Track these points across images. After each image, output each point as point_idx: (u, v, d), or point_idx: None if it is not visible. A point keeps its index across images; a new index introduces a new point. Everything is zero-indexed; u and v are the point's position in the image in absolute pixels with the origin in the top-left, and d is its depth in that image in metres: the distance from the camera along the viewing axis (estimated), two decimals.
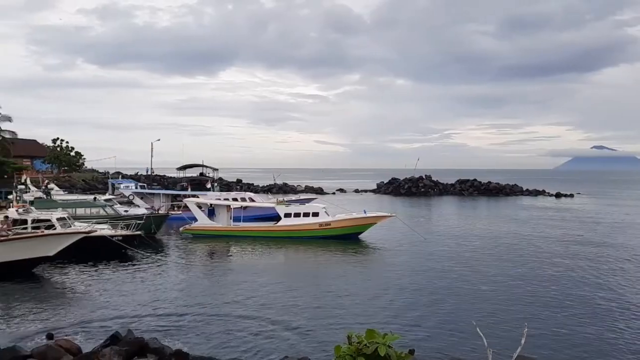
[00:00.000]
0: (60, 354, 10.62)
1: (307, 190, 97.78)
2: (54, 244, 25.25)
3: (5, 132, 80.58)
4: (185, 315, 18.50)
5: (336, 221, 38.86)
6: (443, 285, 23.85)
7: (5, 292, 21.99)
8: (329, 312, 18.97)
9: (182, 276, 26.10)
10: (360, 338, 5.17)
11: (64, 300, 21.18)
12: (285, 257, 32.92)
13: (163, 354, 10.62)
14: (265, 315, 18.46)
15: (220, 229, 39.87)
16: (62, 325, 17.19)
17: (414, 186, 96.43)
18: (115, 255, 29.64)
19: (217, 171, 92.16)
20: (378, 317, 18.41)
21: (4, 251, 24.23)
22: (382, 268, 29.15)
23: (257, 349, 15.02)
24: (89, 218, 37.39)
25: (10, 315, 18.46)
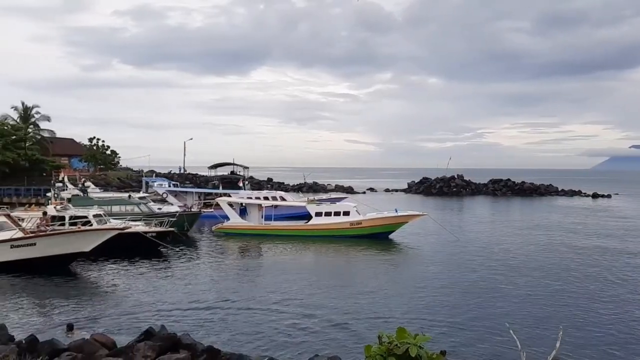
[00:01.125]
0: (97, 348, 10.87)
1: (338, 189, 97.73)
2: (90, 239, 25.89)
3: (45, 132, 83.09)
4: (217, 312, 18.72)
5: (367, 220, 38.74)
6: (475, 286, 23.52)
7: (44, 286, 22.68)
8: (359, 312, 18.91)
9: (214, 273, 26.42)
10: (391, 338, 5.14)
11: (99, 295, 21.71)
12: (316, 256, 32.99)
13: (195, 349, 10.77)
14: (296, 314, 18.53)
15: (252, 227, 40.21)
16: (98, 320, 17.61)
17: (446, 186, 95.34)
18: (149, 251, 30.18)
19: (247, 170, 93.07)
20: (408, 317, 18.26)
21: (43, 246, 24.99)
22: (413, 268, 28.94)
23: (287, 347, 15.09)
24: (123, 215, 38.18)
25: (49, 309, 19.01)
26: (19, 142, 72.08)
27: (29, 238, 25.33)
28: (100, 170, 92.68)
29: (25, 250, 24.78)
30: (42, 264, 24.57)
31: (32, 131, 79.36)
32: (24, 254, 24.68)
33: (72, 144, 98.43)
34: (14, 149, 69.88)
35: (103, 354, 10.62)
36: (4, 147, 67.83)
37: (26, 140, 74.66)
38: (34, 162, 72.96)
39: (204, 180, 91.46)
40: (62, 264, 25.53)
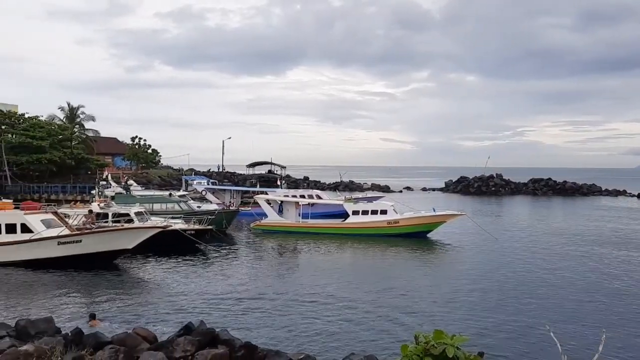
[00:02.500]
0: (138, 342, 11.18)
1: (374, 188, 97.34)
2: (133, 237, 26.57)
3: (89, 131, 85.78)
4: (254, 309, 18.96)
5: (405, 219, 38.49)
6: (514, 287, 23.08)
7: (89, 281, 23.43)
8: (396, 311, 18.83)
9: (252, 270, 26.75)
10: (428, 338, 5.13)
11: (141, 291, 22.28)
12: (353, 254, 32.99)
13: (233, 345, 10.95)
14: (332, 312, 18.59)
15: (290, 225, 40.50)
16: (139, 314, 18.11)
17: (484, 185, 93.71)
18: (188, 248, 30.76)
19: (284, 168, 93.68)
20: (446, 318, 18.09)
21: (89, 243, 25.80)
22: (451, 268, 28.61)
23: (324, 345, 15.17)
24: (164, 213, 39.05)
25: (93, 304, 19.63)
26: (65, 142, 74.53)
27: (75, 235, 26.19)
28: (142, 168, 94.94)
29: (71, 247, 25.65)
30: (87, 260, 25.36)
31: (78, 131, 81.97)
32: (70, 251, 25.55)
33: (115, 143, 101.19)
34: (61, 148, 72.31)
35: (144, 348, 10.90)
36: (52, 146, 70.25)
37: (72, 139, 77.12)
38: (79, 160, 75.34)
39: (242, 179, 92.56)
40: (106, 261, 26.30)
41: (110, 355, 9.84)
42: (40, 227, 25.98)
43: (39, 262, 25.13)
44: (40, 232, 25.74)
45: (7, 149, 63.93)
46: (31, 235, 25.60)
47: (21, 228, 25.81)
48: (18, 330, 11.44)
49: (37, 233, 25.65)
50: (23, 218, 26.13)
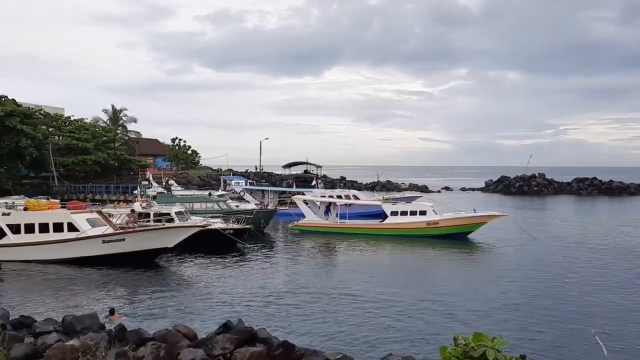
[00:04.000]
0: (179, 339, 11.39)
1: (412, 188, 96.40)
2: (174, 236, 27.11)
3: (132, 133, 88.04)
4: (292, 308, 19.05)
5: (444, 220, 37.99)
6: (558, 290, 22.46)
7: (132, 279, 24.04)
8: (435, 313, 18.61)
9: (289, 270, 26.89)
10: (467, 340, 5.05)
11: (182, 289, 22.71)
12: (392, 255, 32.77)
13: (271, 344, 11.03)
14: (370, 312, 18.51)
15: (327, 225, 40.54)
16: (180, 311, 18.46)
17: (526, 185, 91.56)
18: (227, 247, 31.17)
19: (320, 168, 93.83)
20: (485, 320, 17.76)
21: (132, 242, 26.48)
22: (492, 269, 28.07)
23: (361, 345, 15.12)
24: (204, 212, 39.70)
25: (136, 301, 20.14)
26: (109, 143, 76.69)
27: (119, 234, 26.92)
28: (182, 169, 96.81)
29: (115, 245, 26.37)
30: (130, 259, 26.02)
31: (121, 132, 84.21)
32: (114, 249, 26.27)
33: (156, 144, 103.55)
34: (105, 149, 74.49)
35: (184, 345, 11.09)
36: (96, 147, 72.44)
37: (115, 141, 79.29)
38: (122, 161, 77.43)
39: (279, 179, 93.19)
40: (148, 259, 26.92)
41: (152, 351, 10.05)
42: (86, 226, 26.80)
43: (85, 259, 25.95)
44: (86, 230, 26.55)
45: (54, 151, 66.22)
46: (77, 234, 26.44)
47: (68, 227, 26.68)
48: (65, 326, 11.82)
49: (82, 232, 26.47)
50: (70, 217, 27.01)
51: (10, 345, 10.20)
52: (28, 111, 60.82)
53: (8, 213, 27.25)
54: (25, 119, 58.23)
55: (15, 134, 55.20)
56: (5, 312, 13.04)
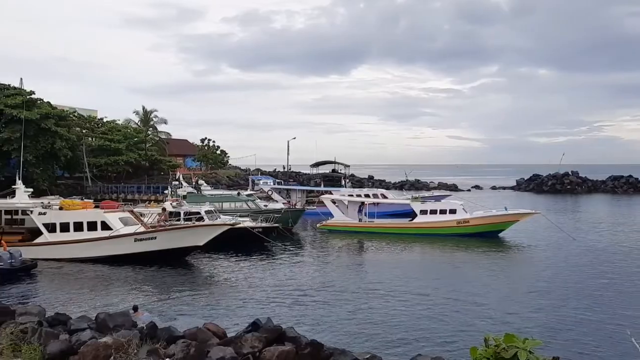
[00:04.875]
0: (209, 337, 11.49)
1: (441, 187, 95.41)
2: (204, 234, 27.47)
3: (162, 133, 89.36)
4: (320, 307, 19.07)
5: (475, 218, 37.52)
6: (592, 290, 21.91)
7: (163, 276, 24.43)
8: (465, 313, 18.38)
9: (317, 269, 26.92)
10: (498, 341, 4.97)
11: (211, 287, 22.98)
12: (421, 254, 32.51)
13: (299, 343, 11.03)
14: (399, 312, 18.40)
15: (356, 225, 40.43)
16: (209, 309, 18.66)
17: (559, 183, 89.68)
18: (255, 246, 31.38)
19: (348, 168, 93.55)
20: (517, 320, 17.45)
21: (163, 240, 26.92)
22: (523, 268, 27.61)
23: (389, 345, 15.03)
24: (233, 212, 40.08)
25: (167, 298, 20.45)
26: (140, 144, 78.00)
27: (151, 232, 27.39)
28: (211, 169, 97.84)
29: (147, 244, 26.84)
30: (161, 257, 26.45)
31: (152, 133, 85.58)
32: (145, 247, 26.74)
33: (186, 145, 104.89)
34: (136, 150, 75.79)
35: (214, 343, 11.19)
36: (128, 148, 73.77)
37: (146, 141, 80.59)
38: (153, 162, 78.68)
39: (307, 178, 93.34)
40: (179, 257, 27.32)
41: (183, 348, 10.17)
42: (119, 225, 27.35)
43: (117, 257, 26.47)
44: (119, 229, 27.09)
45: (87, 152, 67.71)
46: (110, 233, 27.00)
47: (101, 226, 27.26)
48: (98, 323, 12.06)
49: (115, 230, 27.01)
50: (103, 216, 27.60)
51: (46, 342, 10.46)
52: (63, 113, 62.29)
53: (44, 212, 27.98)
54: (60, 121, 59.68)
55: (50, 135, 56.64)
56: (41, 310, 13.38)
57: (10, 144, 52.25)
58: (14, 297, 20.20)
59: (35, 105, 56.28)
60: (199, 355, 10.21)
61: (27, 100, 53.98)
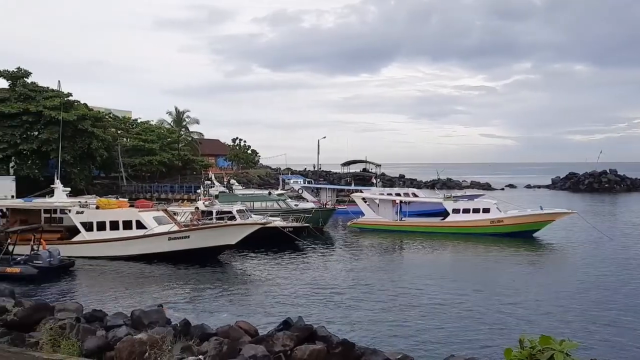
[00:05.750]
0: (241, 334, 11.58)
1: (473, 185, 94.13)
2: (236, 233, 27.75)
3: (194, 134, 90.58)
4: (350, 306, 19.03)
5: (509, 218, 36.88)
6: (630, 290, 21.28)
7: (196, 275, 24.77)
8: (499, 313, 18.07)
9: (348, 268, 26.86)
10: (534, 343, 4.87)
11: (243, 285, 23.19)
12: (454, 253, 32.13)
13: (330, 342, 11.02)
14: (431, 311, 18.22)
15: (387, 223, 40.22)
16: (241, 307, 18.83)
17: (596, 181, 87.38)
18: (286, 245, 31.51)
19: (379, 167, 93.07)
20: (553, 322, 17.07)
21: (196, 239, 27.30)
22: (559, 269, 27.00)
23: (421, 345, 14.90)
24: (264, 211, 40.35)
25: (199, 296, 20.73)
26: (173, 144, 79.25)
27: (184, 231, 27.81)
28: (243, 168, 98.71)
29: (180, 242, 27.26)
30: (194, 255, 26.82)
31: (184, 134, 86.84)
32: (179, 246, 27.16)
33: (217, 145, 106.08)
34: (169, 150, 77.02)
35: (246, 341, 11.27)
36: (161, 148, 75.02)
37: (179, 142, 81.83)
38: (186, 161, 79.84)
39: (337, 178, 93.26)
40: (211, 255, 27.65)
41: (215, 346, 10.28)
42: (153, 224, 27.84)
43: (151, 255, 26.96)
44: (153, 228, 27.58)
45: (122, 152, 69.14)
46: (145, 231, 27.51)
47: (136, 224, 27.79)
48: (133, 320, 12.28)
49: (150, 229, 27.51)
50: (138, 215, 28.13)
51: (84, 337, 10.73)
52: (98, 114, 63.71)
53: (82, 212, 28.70)
54: (96, 122, 61.06)
55: (87, 136, 58.03)
56: (79, 306, 13.71)
57: (49, 144, 53.71)
58: (53, 294, 20.79)
59: (72, 107, 57.72)
60: (231, 353, 10.30)
61: (64, 102, 55.38)
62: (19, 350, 10.49)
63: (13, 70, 57.62)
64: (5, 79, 57.36)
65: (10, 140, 54.14)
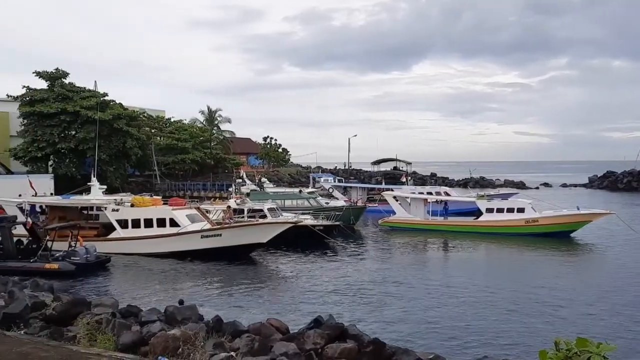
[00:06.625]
0: (272, 332, 11.67)
1: (507, 184, 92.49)
2: (268, 231, 27.93)
3: (226, 132, 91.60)
4: (382, 305, 18.95)
5: (545, 218, 36.12)
6: None
7: (228, 272, 25.06)
8: (534, 314, 17.72)
9: (379, 266, 26.74)
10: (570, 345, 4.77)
11: (274, 283, 23.36)
12: (487, 253, 31.67)
13: (361, 341, 11.00)
14: (464, 312, 17.99)
15: (419, 222, 39.89)
16: (272, 305, 18.95)
17: (635, 180, 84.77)
18: (317, 244, 31.55)
19: (410, 165, 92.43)
20: (589, 324, 16.65)
21: (228, 237, 27.60)
22: (596, 270, 26.35)
23: (454, 346, 14.73)
24: (295, 209, 40.51)
25: (232, 293, 20.95)
26: (205, 143, 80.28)
27: (216, 229, 28.14)
28: (273, 166, 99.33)
29: (213, 240, 27.60)
30: (226, 253, 27.12)
31: (216, 132, 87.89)
32: (211, 244, 27.49)
33: (249, 143, 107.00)
34: (202, 149, 78.08)
35: (277, 338, 11.35)
36: (194, 147, 76.13)
37: (211, 140, 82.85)
38: (218, 160, 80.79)
39: (367, 176, 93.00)
40: (243, 254, 27.92)
41: (247, 343, 10.38)
42: (186, 222, 28.26)
43: (184, 253, 27.37)
44: (186, 226, 28.00)
45: (156, 151, 70.40)
46: (178, 229, 27.95)
47: (169, 222, 28.26)
48: (167, 316, 12.51)
49: (183, 227, 27.93)
50: (171, 213, 28.60)
51: (119, 332, 10.98)
52: (133, 114, 64.98)
53: (117, 209, 29.33)
54: (130, 122, 62.32)
55: (122, 135, 59.29)
56: (115, 302, 14.03)
57: (85, 143, 55.05)
58: (89, 289, 21.32)
59: (108, 107, 59.02)
60: (263, 350, 10.39)
61: (100, 102, 56.67)
62: (58, 344, 10.80)
63: (52, 71, 59.25)
64: (44, 79, 59.01)
65: (49, 139, 55.71)
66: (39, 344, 10.60)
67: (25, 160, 56.91)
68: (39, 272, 21.86)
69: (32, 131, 56.54)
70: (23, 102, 57.28)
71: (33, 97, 56.81)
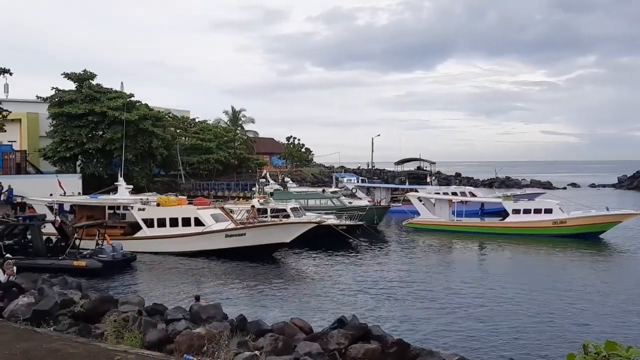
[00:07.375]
0: (295, 332, 11.72)
1: (534, 184, 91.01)
2: (291, 231, 28.02)
3: (250, 132, 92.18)
4: (405, 306, 18.85)
5: (573, 219, 35.46)
6: None
7: (252, 271, 25.22)
8: (561, 317, 17.43)
9: (403, 267, 26.60)
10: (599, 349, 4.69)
11: (297, 282, 23.41)
12: (514, 255, 31.22)
13: (385, 341, 10.97)
14: (490, 314, 17.79)
15: (443, 223, 39.52)
16: (295, 304, 19.00)
17: None
18: (340, 243, 31.52)
19: (434, 165, 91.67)
20: (619, 327, 16.30)
21: (252, 236, 27.78)
22: (626, 272, 25.76)
23: (479, 348, 14.57)
24: (318, 209, 40.53)
25: (256, 292, 21.08)
26: (229, 142, 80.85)
27: (240, 229, 28.35)
28: (297, 166, 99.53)
29: (237, 240, 27.81)
30: (250, 253, 27.30)
31: (240, 132, 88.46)
32: (235, 243, 27.71)
33: (272, 143, 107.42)
34: (226, 149, 78.65)
35: (301, 338, 11.38)
36: (218, 147, 76.75)
37: (235, 140, 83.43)
38: (241, 160, 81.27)
39: (391, 176, 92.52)
40: (266, 253, 28.06)
41: (271, 342, 10.45)
42: (210, 221, 28.52)
43: (209, 252, 27.64)
44: (211, 225, 28.27)
45: (181, 151, 71.15)
46: (202, 228, 28.23)
47: (194, 222, 28.57)
48: (192, 314, 12.66)
49: (207, 226, 28.21)
50: (196, 213, 28.90)
51: (145, 330, 11.15)
52: (158, 114, 65.71)
53: (143, 208, 29.76)
54: (156, 122, 63.03)
55: (148, 135, 60.03)
56: (141, 300, 14.26)
57: (112, 143, 55.92)
58: (116, 287, 21.68)
59: (134, 107, 59.81)
60: (287, 350, 10.43)
61: (127, 103, 57.51)
62: (86, 341, 11.01)
63: (80, 72, 60.34)
64: (72, 81, 60.12)
65: (77, 140, 56.73)
66: (68, 341, 10.82)
67: (54, 160, 58.04)
68: (67, 269, 22.29)
69: (60, 132, 57.62)
70: (52, 103, 58.45)
71: (62, 98, 57.92)
